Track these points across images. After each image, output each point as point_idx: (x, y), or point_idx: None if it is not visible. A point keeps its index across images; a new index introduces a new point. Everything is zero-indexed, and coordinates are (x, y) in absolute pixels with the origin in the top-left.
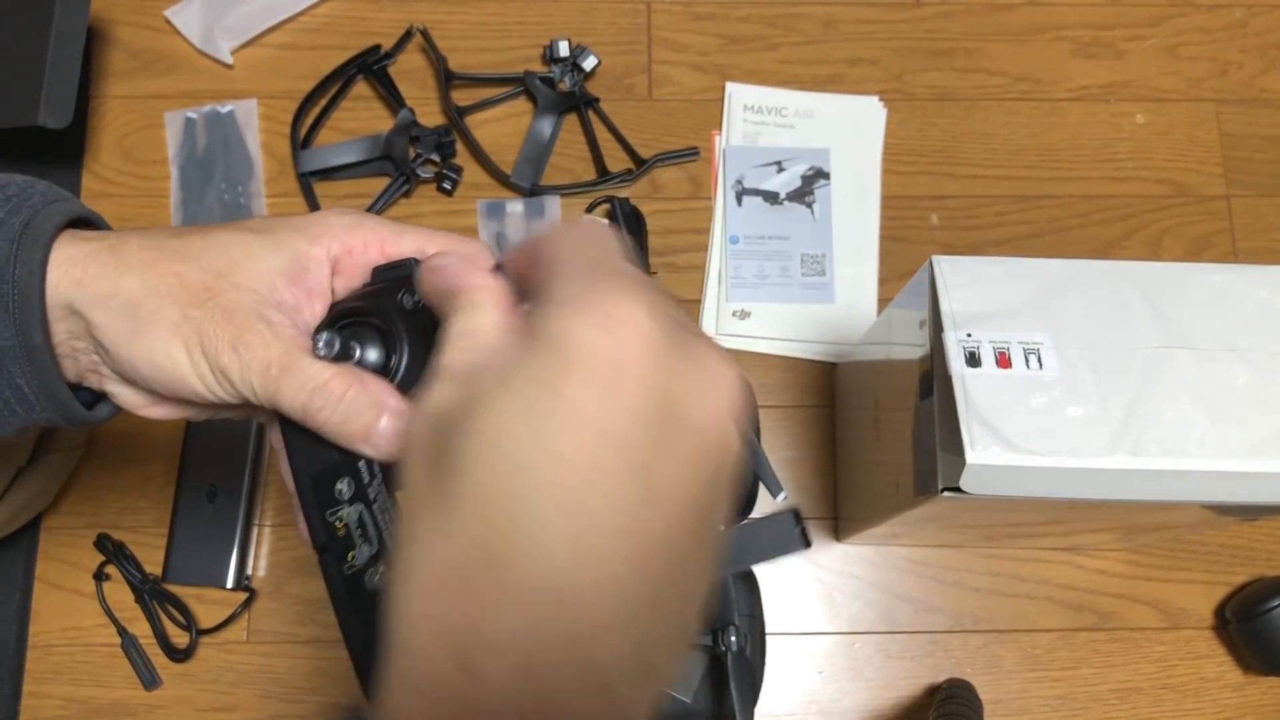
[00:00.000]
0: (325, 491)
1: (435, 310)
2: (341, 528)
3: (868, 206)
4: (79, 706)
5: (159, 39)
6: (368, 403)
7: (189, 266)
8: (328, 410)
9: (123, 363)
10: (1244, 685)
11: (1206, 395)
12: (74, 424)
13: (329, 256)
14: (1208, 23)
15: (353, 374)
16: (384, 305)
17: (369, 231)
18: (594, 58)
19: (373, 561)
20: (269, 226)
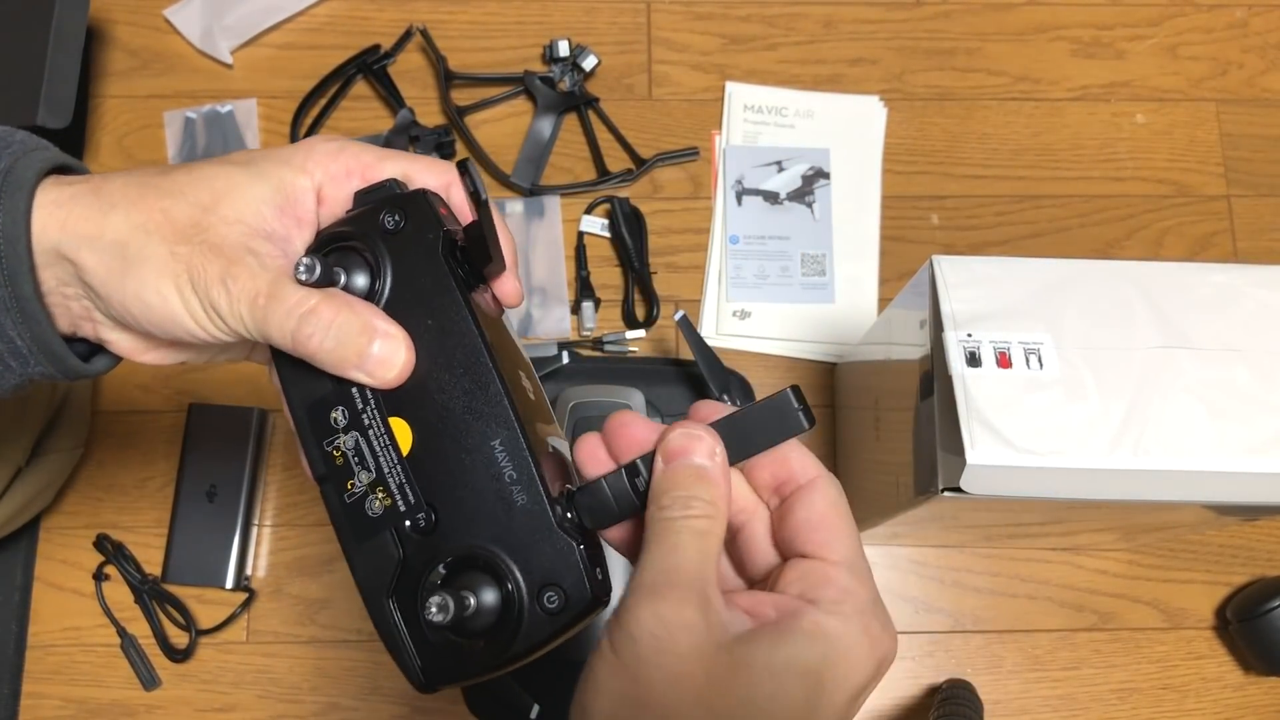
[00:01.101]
0: (321, 421)
1: (652, 491)
2: (339, 456)
3: (868, 206)
4: (78, 707)
5: (158, 39)
6: (358, 327)
7: (175, 202)
8: (317, 337)
9: (114, 304)
10: (1244, 685)
11: (1207, 395)
12: (71, 377)
13: (314, 185)
14: (1208, 23)
15: (341, 299)
16: (366, 228)
17: (352, 158)
18: (594, 57)
19: (371, 488)
20: (252, 158)
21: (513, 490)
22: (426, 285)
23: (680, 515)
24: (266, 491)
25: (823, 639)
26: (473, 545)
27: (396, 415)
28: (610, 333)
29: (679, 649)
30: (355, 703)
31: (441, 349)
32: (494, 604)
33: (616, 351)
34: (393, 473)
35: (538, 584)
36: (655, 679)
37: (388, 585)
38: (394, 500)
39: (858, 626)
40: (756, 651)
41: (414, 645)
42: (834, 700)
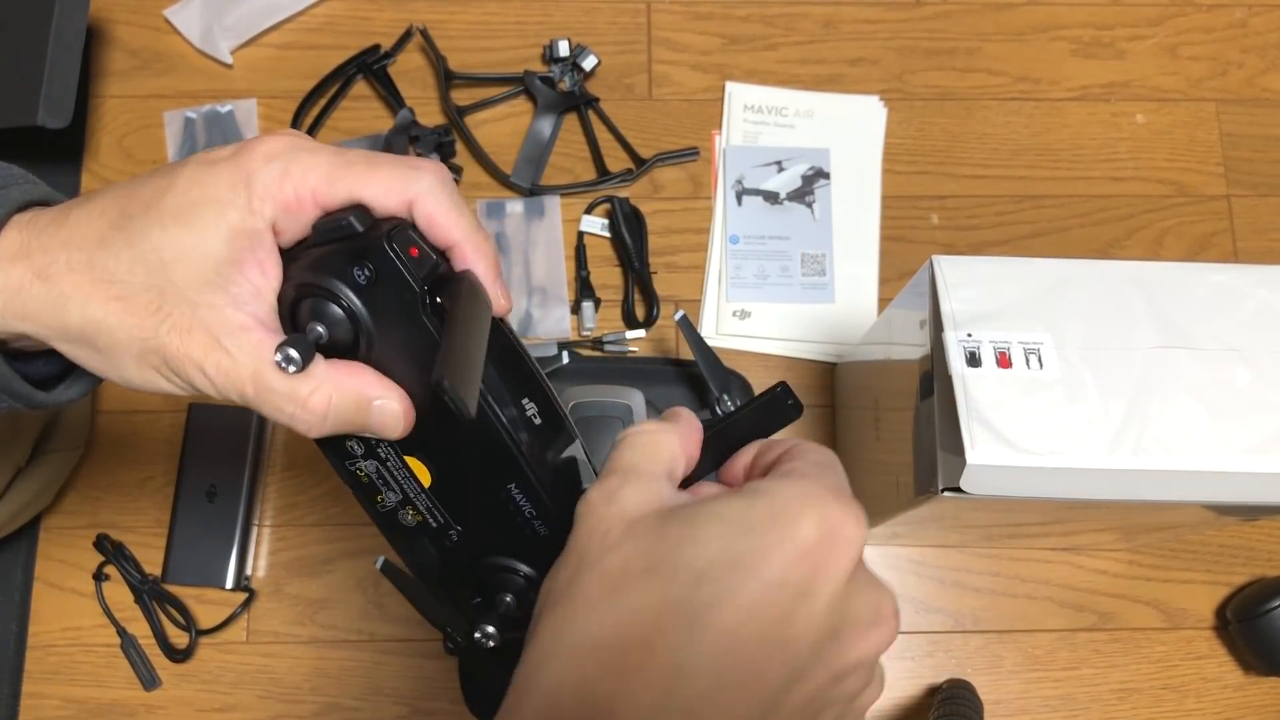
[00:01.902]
0: (339, 448)
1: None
2: (364, 476)
3: (868, 206)
4: (78, 707)
5: (158, 39)
6: (354, 404)
7: (127, 287)
8: (316, 428)
9: (106, 378)
10: (1245, 685)
11: (1207, 395)
12: (38, 408)
13: (265, 224)
14: (1208, 22)
15: (329, 381)
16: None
17: (298, 182)
18: (594, 57)
19: (401, 505)
20: (192, 203)
21: (534, 524)
22: (412, 343)
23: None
24: (266, 491)
25: (755, 493)
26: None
27: (412, 455)
28: (610, 333)
29: (602, 514)
30: (355, 703)
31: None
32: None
33: (616, 351)
34: (418, 498)
35: None
36: (577, 542)
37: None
38: (425, 518)
39: (795, 485)
40: (682, 509)
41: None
42: (764, 550)
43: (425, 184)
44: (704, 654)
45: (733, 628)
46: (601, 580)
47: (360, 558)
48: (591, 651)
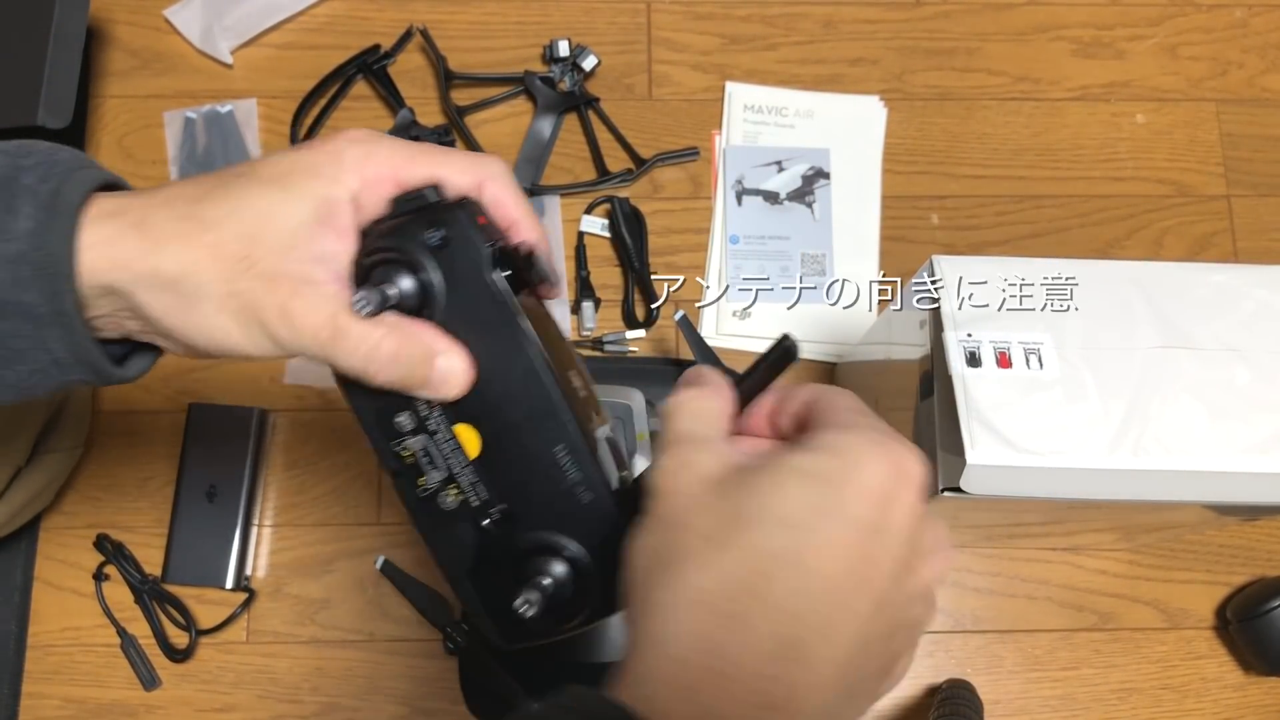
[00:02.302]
0: (387, 425)
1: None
2: (409, 456)
3: (868, 206)
4: (78, 707)
5: (158, 39)
6: (421, 355)
7: (220, 235)
8: (385, 372)
9: (175, 335)
10: (1244, 685)
11: (1207, 395)
12: (106, 383)
13: (349, 195)
14: (1208, 23)
15: (400, 328)
16: (410, 244)
17: (383, 162)
18: (594, 58)
19: (444, 485)
20: (284, 173)
21: (578, 490)
22: (479, 302)
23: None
24: (266, 491)
25: (822, 448)
26: (545, 537)
27: (463, 422)
28: (610, 333)
29: (683, 479)
30: (355, 703)
31: (500, 362)
32: (568, 583)
33: (616, 351)
34: (463, 473)
35: (610, 569)
36: (664, 508)
37: (467, 567)
38: (467, 497)
39: (859, 436)
40: (760, 467)
41: (493, 615)
42: (844, 495)
43: (494, 169)
44: (806, 595)
45: (826, 568)
46: (701, 538)
47: (360, 558)
48: (707, 604)
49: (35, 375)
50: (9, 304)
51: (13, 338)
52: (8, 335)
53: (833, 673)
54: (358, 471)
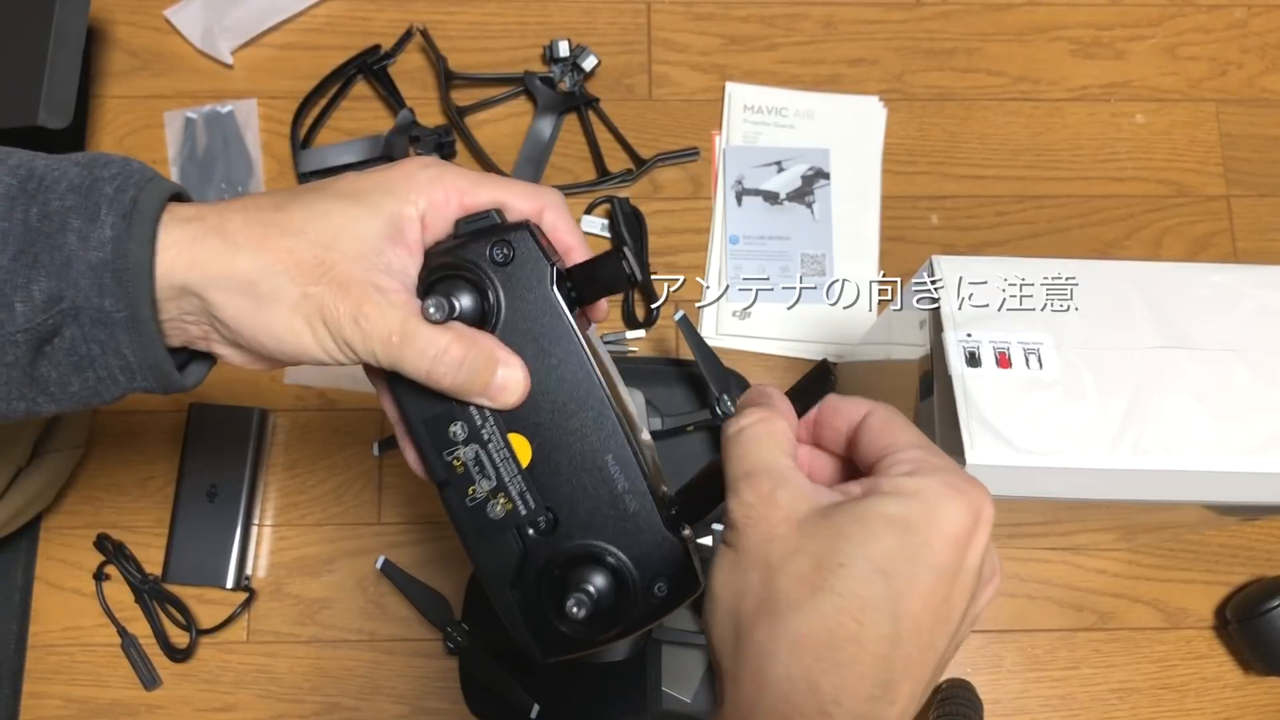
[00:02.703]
0: (440, 434)
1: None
2: (460, 465)
3: (868, 206)
4: (79, 706)
5: (159, 39)
6: (485, 361)
7: (297, 242)
8: (451, 375)
9: (244, 337)
10: (1244, 685)
11: (1206, 395)
12: (167, 392)
13: (418, 214)
14: (1208, 23)
15: (466, 336)
16: (476, 260)
17: (449, 185)
18: (594, 58)
19: (493, 494)
20: (359, 189)
21: (625, 498)
22: (538, 315)
23: (736, 429)
24: (266, 491)
25: (904, 494)
26: (590, 544)
27: (515, 431)
28: (610, 333)
29: (769, 519)
30: (355, 703)
31: (555, 374)
32: (609, 593)
33: (617, 351)
34: (513, 481)
35: (650, 578)
36: (752, 545)
37: (510, 577)
38: (515, 505)
39: (937, 480)
40: (844, 509)
41: (532, 628)
42: (930, 544)
43: (553, 198)
44: (898, 639)
45: (916, 612)
46: (796, 580)
47: (360, 558)
48: (808, 648)
49: (102, 383)
50: (87, 310)
51: (86, 344)
52: (81, 341)
53: (912, 701)
54: (358, 471)
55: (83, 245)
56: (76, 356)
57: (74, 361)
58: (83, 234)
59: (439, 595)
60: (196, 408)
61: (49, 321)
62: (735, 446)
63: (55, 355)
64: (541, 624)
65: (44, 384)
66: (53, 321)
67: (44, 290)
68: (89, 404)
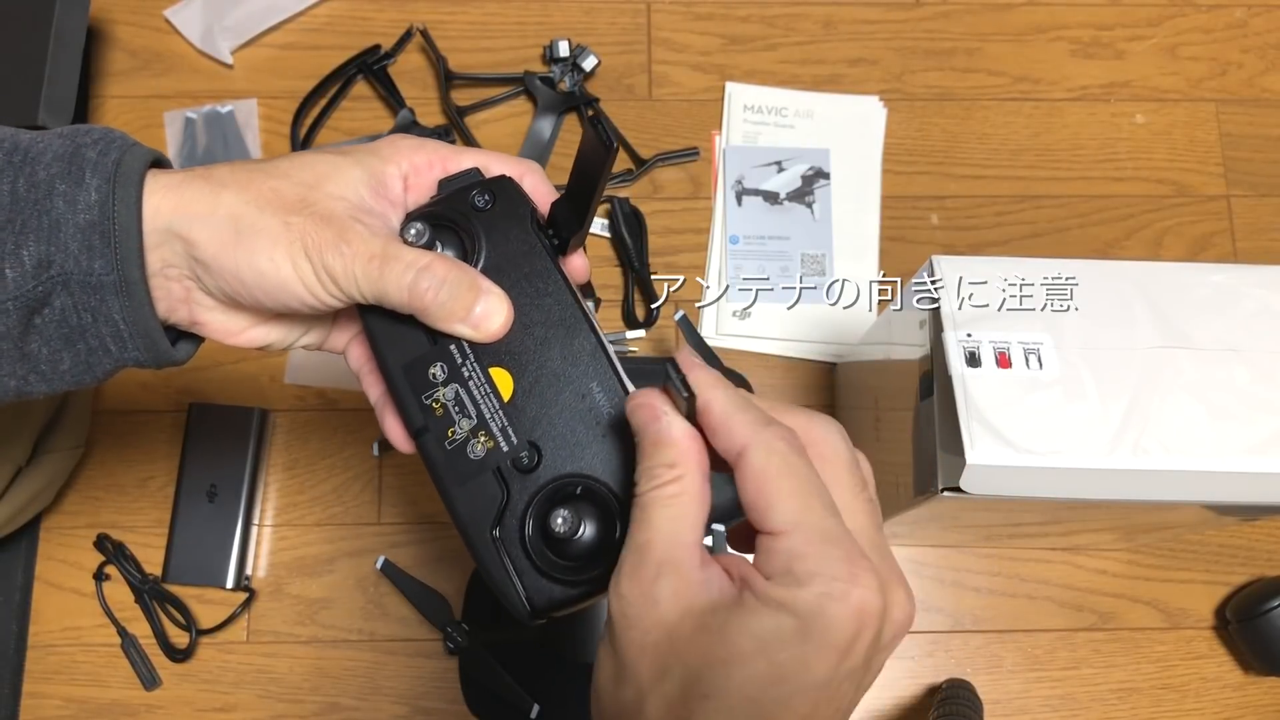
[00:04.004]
0: (419, 377)
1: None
2: (439, 408)
3: (868, 206)
4: (79, 706)
5: (159, 39)
6: (468, 283)
7: (282, 182)
8: (433, 290)
9: (225, 275)
10: (1244, 685)
11: (1206, 395)
12: (159, 364)
13: (401, 173)
14: (1208, 23)
15: (448, 258)
16: (459, 206)
17: (432, 152)
18: (594, 58)
19: (473, 434)
20: (344, 150)
21: (613, 425)
22: (519, 253)
23: (645, 489)
24: (266, 491)
25: (775, 606)
26: (575, 472)
27: (496, 366)
28: (610, 333)
29: (643, 621)
30: (355, 703)
31: (537, 307)
32: (597, 526)
33: (617, 352)
34: (494, 417)
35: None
36: (627, 655)
37: (492, 521)
38: (497, 442)
39: (815, 588)
40: (715, 625)
41: (518, 576)
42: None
43: (533, 165)
44: None
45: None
46: (667, 710)
47: (360, 558)
48: None
49: (94, 355)
50: (77, 274)
51: (77, 312)
52: (71, 310)
53: None
54: (358, 471)
55: (70, 209)
56: (67, 328)
57: (64, 334)
58: (69, 198)
59: (439, 595)
60: (196, 408)
61: (39, 289)
62: (638, 509)
63: (46, 328)
64: (527, 573)
65: (35, 360)
66: (43, 289)
67: (33, 255)
68: (80, 382)
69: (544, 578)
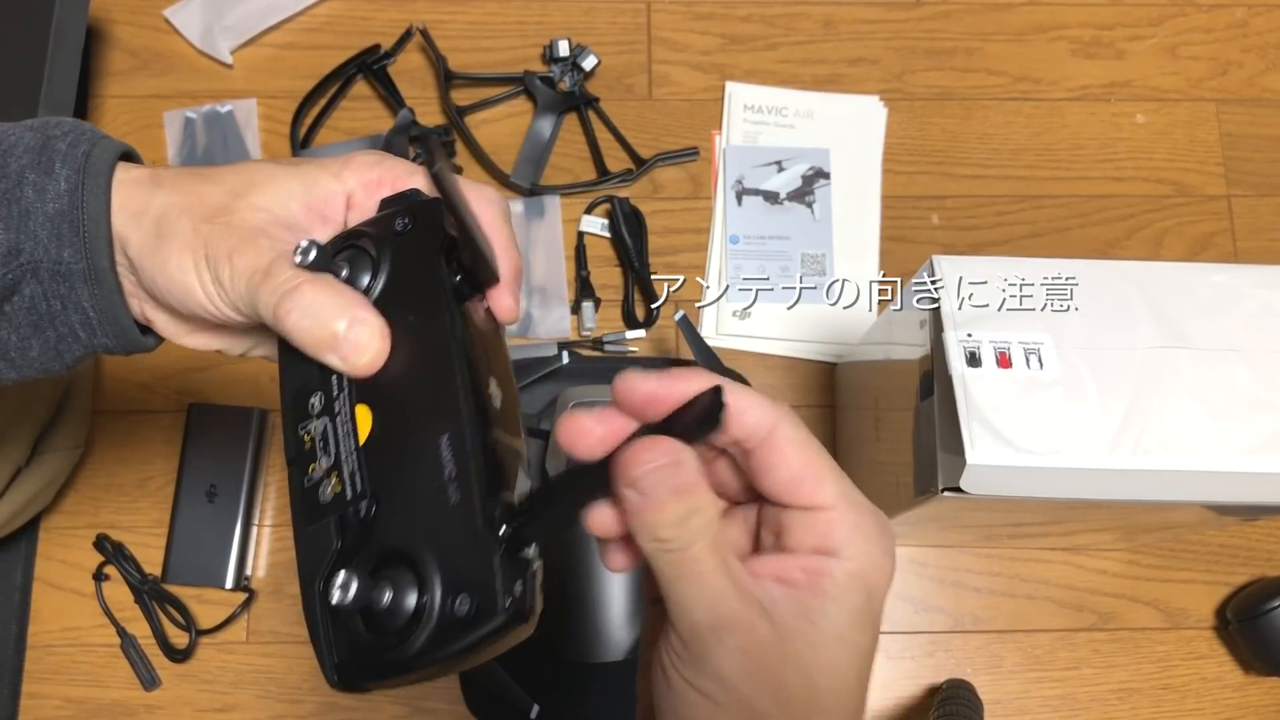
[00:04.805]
0: (301, 406)
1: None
2: (308, 440)
3: (868, 206)
4: (78, 707)
5: (158, 39)
6: (335, 309)
7: (212, 188)
8: (295, 314)
9: (145, 276)
10: (1244, 685)
11: (1207, 395)
12: (129, 350)
13: (344, 190)
14: (1208, 23)
15: (327, 283)
16: (378, 229)
17: (386, 170)
18: (594, 57)
19: (328, 473)
20: (296, 162)
21: (449, 487)
22: (417, 285)
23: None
24: (266, 491)
25: (858, 578)
26: (401, 540)
27: (363, 403)
28: (610, 333)
29: (768, 662)
30: (355, 702)
31: (417, 345)
32: (411, 603)
33: (616, 351)
34: (348, 460)
35: (451, 587)
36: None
37: (321, 573)
38: (344, 487)
39: (877, 549)
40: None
41: (333, 639)
42: (877, 609)
43: (492, 195)
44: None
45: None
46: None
47: None
48: None
49: (63, 341)
50: (46, 263)
51: (46, 300)
52: (40, 298)
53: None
54: None
55: (39, 198)
56: (36, 315)
57: (34, 321)
58: (39, 187)
59: None
60: (196, 408)
61: (8, 276)
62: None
63: (15, 315)
64: (341, 639)
65: (4, 347)
66: (12, 276)
67: (2, 243)
68: (49, 369)
69: (356, 647)
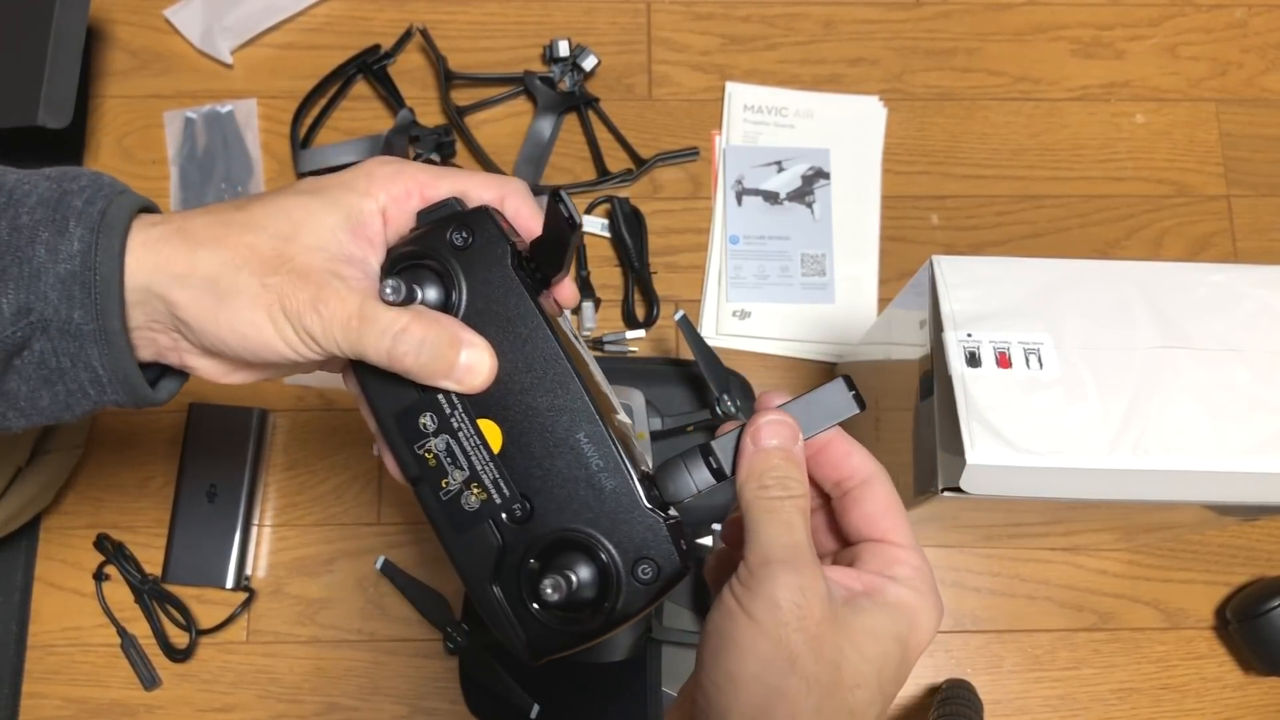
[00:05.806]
0: (410, 427)
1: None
2: (432, 458)
3: (868, 206)
4: (78, 706)
5: (158, 39)
6: (447, 340)
7: (258, 237)
8: (412, 353)
9: (208, 336)
10: (1244, 685)
11: (1206, 395)
12: (139, 405)
13: (379, 207)
14: (1208, 23)
15: (427, 315)
16: (436, 245)
17: (410, 179)
18: (594, 57)
19: (466, 485)
20: (320, 187)
21: (600, 476)
22: (500, 295)
23: (785, 495)
24: (266, 491)
25: (907, 609)
26: (568, 528)
27: (484, 417)
28: (610, 333)
29: (815, 614)
30: (355, 703)
31: (520, 353)
32: (592, 580)
33: (616, 351)
34: (485, 469)
35: (632, 558)
36: (798, 641)
37: (490, 572)
38: (490, 495)
39: (929, 600)
40: (861, 617)
41: (519, 624)
42: (910, 660)
43: (515, 185)
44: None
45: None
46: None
47: (360, 558)
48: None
49: (73, 397)
50: (56, 322)
51: (56, 356)
52: (51, 354)
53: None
54: (358, 471)
55: (51, 258)
56: (46, 370)
57: (43, 375)
58: (51, 246)
59: (439, 595)
60: (196, 408)
61: (18, 334)
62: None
63: (25, 369)
64: (528, 621)
65: (13, 398)
66: (21, 334)
67: (13, 303)
68: (59, 418)
69: (544, 625)
